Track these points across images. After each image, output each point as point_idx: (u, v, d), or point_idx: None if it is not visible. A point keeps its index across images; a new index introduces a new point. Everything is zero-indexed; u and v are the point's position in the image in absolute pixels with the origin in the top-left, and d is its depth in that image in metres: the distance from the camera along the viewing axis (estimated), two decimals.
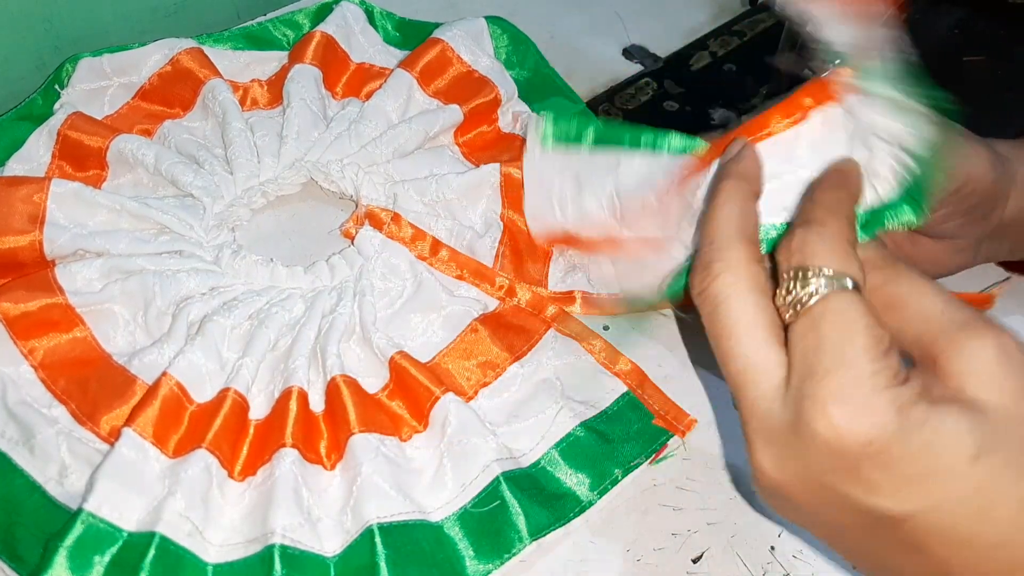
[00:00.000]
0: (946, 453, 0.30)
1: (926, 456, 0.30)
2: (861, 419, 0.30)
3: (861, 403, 0.30)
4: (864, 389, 0.30)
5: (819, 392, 0.30)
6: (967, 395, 0.30)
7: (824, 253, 0.32)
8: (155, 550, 0.41)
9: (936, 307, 0.32)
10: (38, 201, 0.52)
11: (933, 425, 0.30)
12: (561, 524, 0.45)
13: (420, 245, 0.54)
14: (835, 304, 0.31)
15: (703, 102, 0.70)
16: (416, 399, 0.47)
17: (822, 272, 0.32)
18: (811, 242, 0.33)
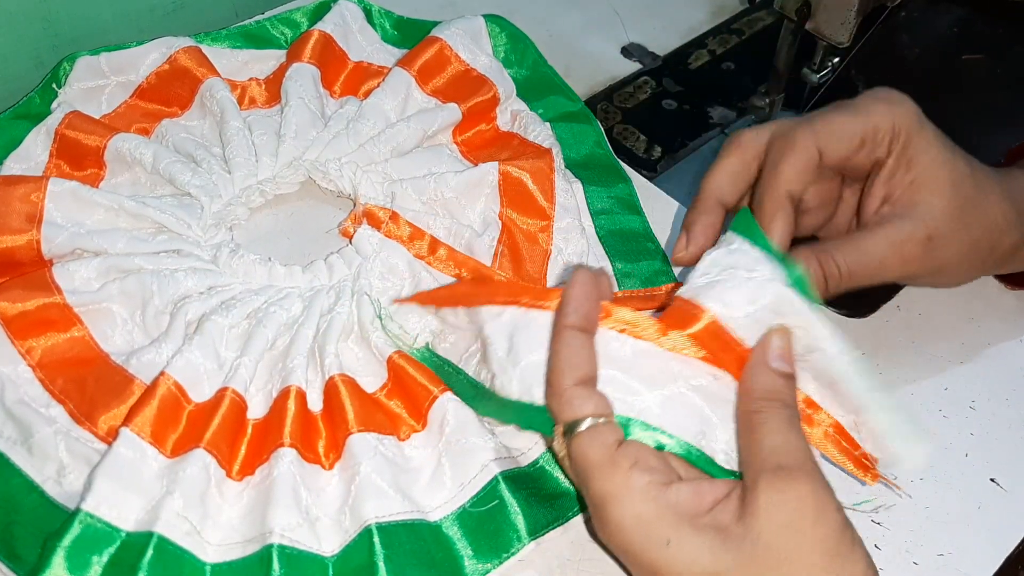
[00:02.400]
0: (685, 572, 0.36)
1: (667, 572, 0.36)
2: (615, 537, 0.37)
3: (612, 524, 0.37)
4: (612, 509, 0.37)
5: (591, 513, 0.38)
6: (744, 521, 0.36)
7: (560, 410, 0.39)
8: (153, 550, 0.41)
9: (769, 444, 0.38)
10: (36, 200, 0.52)
11: (676, 547, 0.36)
12: (560, 523, 0.45)
13: (418, 244, 0.54)
14: (576, 446, 0.38)
15: (702, 100, 0.70)
16: (414, 398, 0.47)
17: (568, 424, 0.38)
18: (550, 403, 0.39)
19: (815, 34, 0.61)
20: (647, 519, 0.36)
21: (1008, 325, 0.55)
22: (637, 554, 0.37)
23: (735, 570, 0.35)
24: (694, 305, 0.41)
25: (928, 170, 0.46)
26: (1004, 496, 0.48)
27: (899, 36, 0.73)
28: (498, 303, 0.41)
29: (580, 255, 0.55)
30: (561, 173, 0.58)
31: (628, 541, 0.37)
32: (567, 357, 0.39)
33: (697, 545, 0.36)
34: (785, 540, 0.35)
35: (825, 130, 0.46)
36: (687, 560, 0.36)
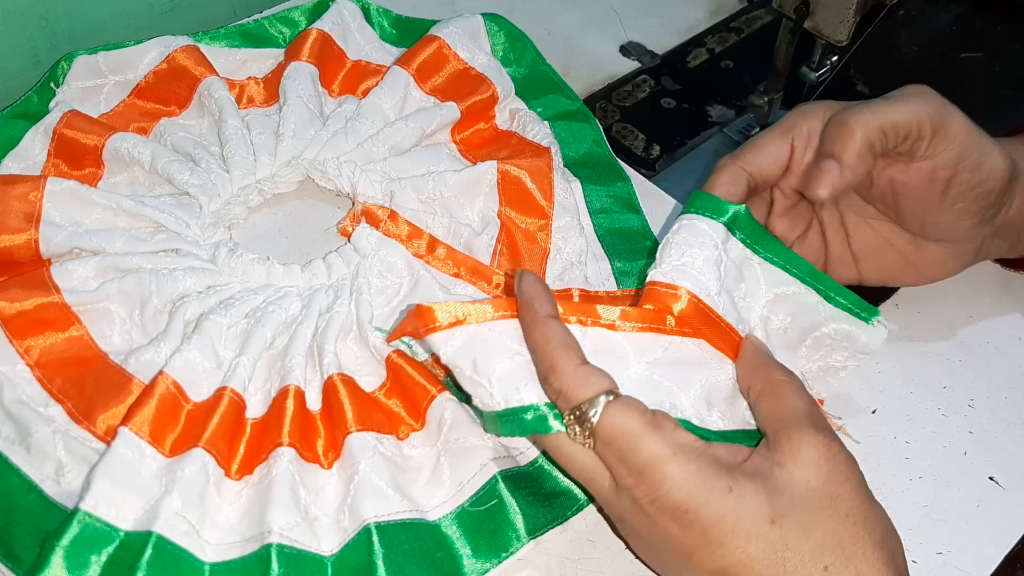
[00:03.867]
0: (748, 517, 0.37)
1: (733, 520, 0.37)
2: (675, 492, 0.37)
3: (672, 481, 0.37)
4: (669, 467, 0.37)
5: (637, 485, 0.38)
6: (787, 468, 0.38)
7: (576, 390, 0.38)
8: (152, 549, 0.41)
9: (801, 405, 0.41)
10: (34, 200, 0.52)
11: (737, 493, 0.37)
12: (559, 523, 0.45)
13: (417, 243, 0.54)
14: (608, 421, 0.38)
15: (700, 99, 0.70)
16: (413, 398, 0.47)
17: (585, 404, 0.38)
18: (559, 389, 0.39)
19: (814, 32, 0.61)
20: (706, 471, 0.37)
21: (1007, 324, 0.55)
22: (700, 506, 0.37)
23: (790, 511, 0.37)
24: (669, 285, 0.44)
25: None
26: (1003, 494, 0.48)
27: (898, 34, 0.73)
28: (443, 328, 0.41)
29: (579, 254, 0.55)
30: (560, 172, 0.58)
31: (691, 495, 0.37)
32: (561, 341, 0.39)
33: (753, 490, 0.37)
34: (833, 486, 0.38)
35: (745, 149, 0.49)
36: (751, 504, 0.37)
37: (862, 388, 0.52)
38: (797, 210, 0.52)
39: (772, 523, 0.37)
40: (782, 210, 0.51)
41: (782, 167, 0.49)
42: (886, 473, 0.48)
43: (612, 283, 0.55)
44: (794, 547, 0.37)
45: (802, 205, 0.52)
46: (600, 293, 0.54)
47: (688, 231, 0.45)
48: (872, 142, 0.45)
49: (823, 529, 0.37)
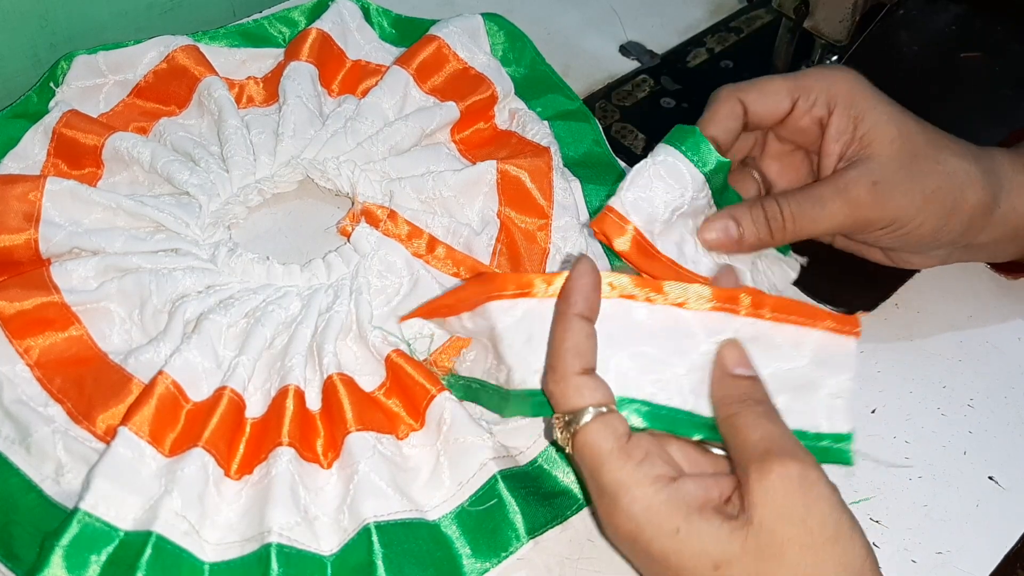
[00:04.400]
0: (690, 561, 0.36)
1: (675, 560, 0.36)
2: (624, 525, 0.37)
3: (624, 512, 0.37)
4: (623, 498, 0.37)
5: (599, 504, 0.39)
6: (744, 513, 0.37)
7: (562, 399, 0.39)
8: (151, 549, 0.41)
9: (753, 437, 0.38)
10: (33, 199, 0.52)
11: (684, 536, 0.36)
12: (558, 522, 0.45)
13: (416, 243, 0.54)
14: (584, 435, 0.38)
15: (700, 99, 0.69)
16: (412, 397, 0.47)
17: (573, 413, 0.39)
18: (552, 391, 0.39)
19: (813, 32, 0.61)
20: (657, 508, 0.37)
21: (1006, 323, 0.55)
22: (647, 541, 0.37)
23: (741, 556, 0.36)
24: (622, 216, 0.45)
25: (876, 124, 0.47)
26: (1002, 494, 0.48)
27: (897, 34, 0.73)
28: (508, 297, 0.41)
29: (578, 253, 0.55)
30: (559, 171, 0.58)
31: (638, 529, 0.37)
32: (573, 345, 0.39)
33: (705, 533, 0.36)
34: (783, 524, 0.36)
35: (750, 86, 0.49)
36: (695, 547, 0.36)
37: (861, 387, 0.52)
38: (792, 158, 0.52)
39: (715, 568, 0.36)
40: (775, 153, 0.52)
41: (778, 117, 0.49)
42: (885, 472, 0.48)
43: None
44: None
45: (798, 154, 0.52)
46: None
47: (667, 169, 0.45)
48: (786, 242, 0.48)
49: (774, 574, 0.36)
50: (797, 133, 0.50)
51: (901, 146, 0.47)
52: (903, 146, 0.47)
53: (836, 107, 0.48)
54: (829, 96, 0.48)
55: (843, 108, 0.48)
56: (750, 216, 0.47)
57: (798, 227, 0.47)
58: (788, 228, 0.47)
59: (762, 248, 0.49)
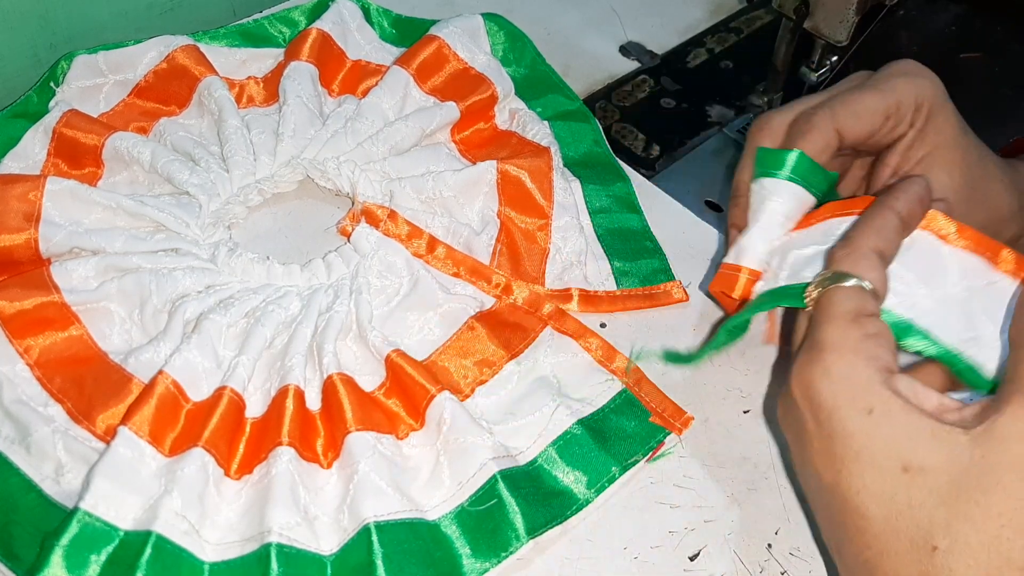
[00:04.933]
0: (879, 449, 0.33)
1: (860, 442, 0.34)
2: (816, 385, 0.35)
3: (821, 372, 0.35)
4: (829, 356, 0.36)
5: (801, 358, 0.37)
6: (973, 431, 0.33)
7: (842, 261, 0.38)
8: (151, 549, 0.41)
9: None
10: (33, 199, 0.52)
11: (876, 419, 0.34)
12: (558, 522, 0.45)
13: (416, 243, 0.54)
14: (835, 292, 0.37)
15: (700, 99, 0.70)
16: (412, 397, 0.47)
17: (833, 275, 0.38)
18: (838, 257, 0.39)
19: (813, 33, 0.61)
20: (860, 382, 0.35)
21: None
22: (830, 411, 0.35)
23: (945, 468, 0.32)
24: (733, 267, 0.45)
25: (942, 148, 0.46)
26: None
27: (897, 34, 0.73)
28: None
29: (578, 253, 0.55)
30: (559, 172, 0.58)
31: (830, 394, 0.35)
32: (879, 227, 0.39)
33: (903, 425, 0.33)
34: (1005, 469, 0.31)
35: (845, 111, 0.45)
36: (886, 436, 0.33)
37: None
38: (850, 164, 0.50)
39: (905, 471, 0.32)
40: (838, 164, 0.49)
41: (870, 137, 0.46)
42: None
43: (612, 283, 0.55)
44: (917, 504, 0.32)
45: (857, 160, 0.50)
46: (600, 293, 0.54)
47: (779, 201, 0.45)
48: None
49: (960, 507, 0.31)
50: (873, 146, 0.47)
51: (961, 175, 0.45)
52: (964, 176, 0.45)
53: (916, 122, 0.46)
54: (915, 113, 0.45)
55: (921, 124, 0.46)
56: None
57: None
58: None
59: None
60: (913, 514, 0.32)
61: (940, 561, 0.31)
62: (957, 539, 0.31)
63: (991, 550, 0.31)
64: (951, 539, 0.31)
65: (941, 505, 0.32)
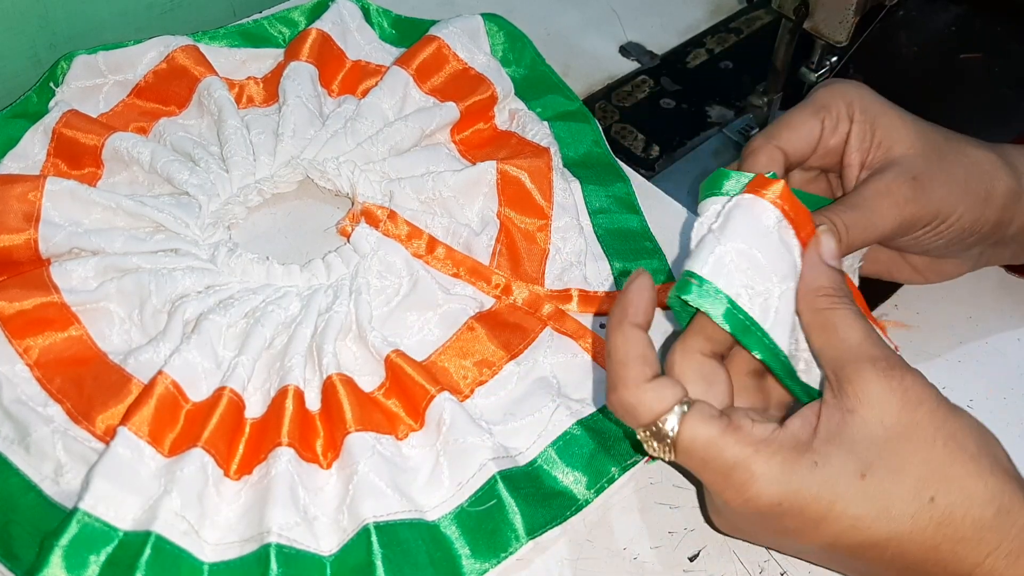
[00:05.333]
0: (840, 482, 0.36)
1: (828, 492, 0.36)
2: (766, 490, 0.37)
3: (761, 480, 0.37)
4: (755, 466, 0.37)
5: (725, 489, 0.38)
6: (858, 414, 0.37)
7: (647, 406, 0.38)
8: (151, 549, 0.41)
9: (854, 338, 0.39)
10: (33, 199, 0.52)
11: (823, 464, 0.36)
12: (558, 523, 0.45)
13: (416, 243, 0.54)
14: (686, 433, 0.37)
15: (700, 99, 0.70)
16: (412, 398, 0.47)
17: (659, 420, 0.38)
18: (628, 404, 0.38)
19: (813, 33, 0.61)
20: (790, 458, 0.37)
21: (1006, 323, 0.55)
22: (794, 493, 0.36)
23: (875, 458, 0.36)
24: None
25: (892, 128, 0.47)
26: None
27: (897, 35, 0.73)
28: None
29: (578, 254, 0.55)
30: (559, 172, 0.58)
31: (781, 487, 0.37)
32: (638, 354, 0.39)
33: (836, 453, 0.37)
34: (907, 415, 0.37)
35: (778, 127, 0.47)
36: (837, 469, 0.36)
37: None
38: (815, 185, 0.52)
39: (862, 477, 0.36)
40: (798, 183, 0.51)
41: (813, 147, 0.48)
42: None
43: (611, 283, 0.55)
44: (892, 491, 0.36)
45: (820, 179, 0.52)
46: (599, 293, 0.54)
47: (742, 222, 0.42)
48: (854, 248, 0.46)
49: (915, 462, 0.36)
50: (826, 156, 0.49)
51: (923, 145, 0.47)
52: (924, 145, 0.47)
53: (855, 117, 0.48)
54: (848, 109, 0.48)
55: (860, 117, 0.47)
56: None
57: (852, 238, 0.46)
58: (844, 241, 0.45)
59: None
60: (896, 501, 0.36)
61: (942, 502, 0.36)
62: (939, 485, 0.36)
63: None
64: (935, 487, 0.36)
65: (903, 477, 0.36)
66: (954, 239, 0.48)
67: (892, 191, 0.46)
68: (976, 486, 0.36)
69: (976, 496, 0.36)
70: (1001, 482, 0.36)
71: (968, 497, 0.36)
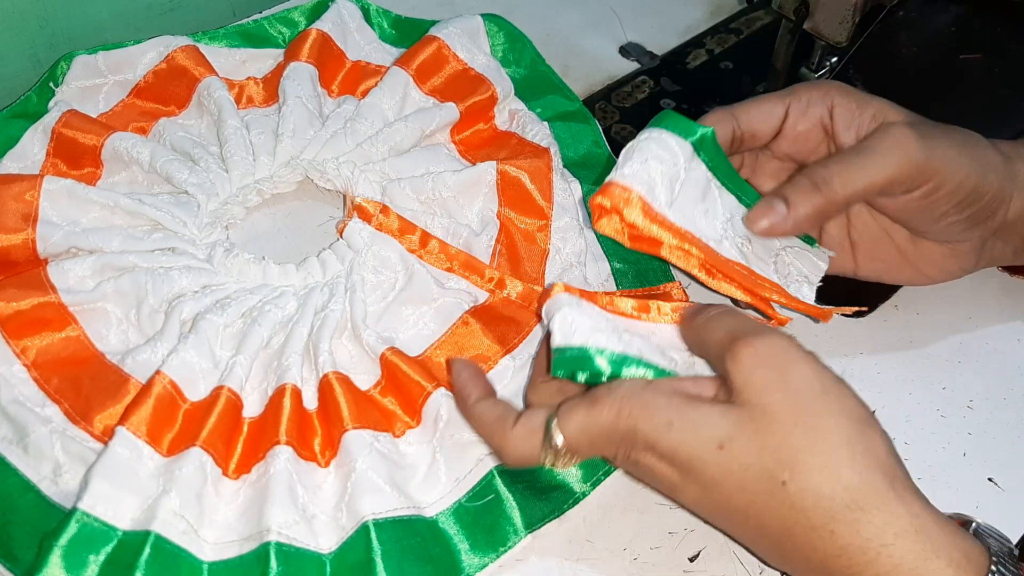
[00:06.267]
0: (698, 446, 0.37)
1: (686, 450, 0.37)
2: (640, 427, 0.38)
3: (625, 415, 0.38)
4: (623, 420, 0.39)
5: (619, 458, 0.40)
6: (733, 389, 0.38)
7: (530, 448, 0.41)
8: (150, 549, 0.41)
9: (721, 330, 0.40)
10: (30, 199, 0.52)
11: (680, 424, 0.38)
12: (556, 516, 0.45)
13: (409, 238, 0.54)
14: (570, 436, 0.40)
15: (700, 100, 0.69)
16: (408, 395, 0.47)
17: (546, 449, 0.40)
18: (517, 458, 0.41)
19: (813, 33, 0.61)
20: (649, 403, 0.38)
21: (1006, 324, 0.55)
22: (653, 443, 0.38)
23: (740, 431, 0.37)
24: (624, 187, 0.44)
25: (882, 108, 0.47)
26: (1002, 495, 0.48)
27: (897, 35, 0.73)
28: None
29: (578, 254, 0.55)
30: (559, 172, 0.58)
31: (650, 435, 0.38)
32: (495, 419, 0.42)
33: (699, 419, 0.38)
34: (768, 394, 0.37)
35: (743, 104, 0.49)
36: (694, 433, 0.37)
37: (861, 389, 0.51)
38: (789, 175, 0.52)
39: (720, 448, 0.37)
40: (771, 171, 0.52)
41: (773, 128, 0.49)
42: None
43: (611, 283, 0.55)
44: (747, 466, 0.37)
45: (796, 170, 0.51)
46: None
47: (656, 143, 0.45)
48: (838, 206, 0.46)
49: (772, 443, 0.37)
50: (796, 142, 0.49)
51: (915, 118, 0.47)
52: (916, 118, 0.47)
53: (836, 102, 0.48)
54: (824, 94, 0.48)
55: (842, 100, 0.48)
56: (794, 188, 0.46)
57: (849, 182, 0.45)
58: (838, 186, 0.45)
59: (819, 221, 0.47)
60: (751, 476, 0.37)
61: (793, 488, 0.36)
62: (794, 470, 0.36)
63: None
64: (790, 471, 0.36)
65: (760, 453, 0.37)
66: (961, 204, 0.47)
67: (893, 134, 0.45)
68: (828, 478, 0.36)
69: (826, 488, 0.36)
70: (861, 476, 0.36)
71: (818, 487, 0.36)
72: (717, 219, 0.48)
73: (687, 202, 0.46)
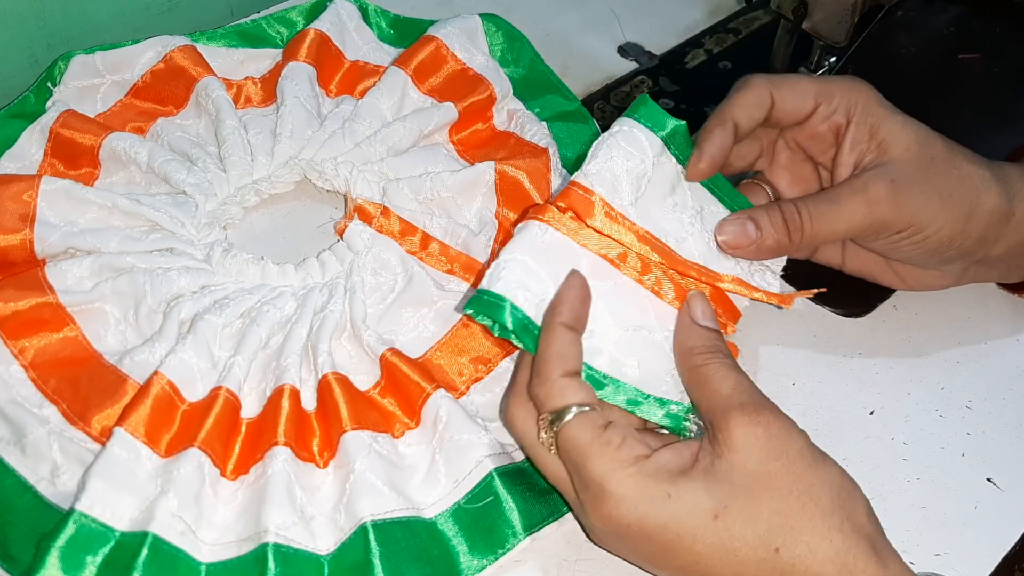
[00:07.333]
0: (689, 518, 0.38)
1: (675, 524, 0.38)
2: (615, 510, 0.38)
3: (613, 498, 0.38)
4: (610, 484, 0.38)
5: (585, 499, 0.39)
6: (724, 458, 0.39)
7: (548, 399, 0.40)
8: (148, 550, 0.41)
9: (726, 388, 0.41)
10: (28, 199, 0.52)
11: (676, 497, 0.38)
12: (555, 518, 0.45)
13: (410, 239, 0.54)
14: (567, 431, 0.40)
15: (698, 100, 0.69)
16: (407, 396, 0.47)
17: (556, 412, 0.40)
18: (538, 393, 0.41)
19: (812, 34, 0.61)
20: (645, 483, 0.38)
21: (1004, 325, 0.55)
22: (642, 519, 0.38)
23: (735, 498, 0.38)
24: (586, 189, 0.44)
25: (893, 132, 0.48)
26: (1001, 496, 0.48)
27: (896, 35, 0.73)
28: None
29: None
30: (558, 172, 0.58)
31: (633, 507, 0.38)
32: (557, 351, 0.41)
33: (693, 490, 0.38)
34: (767, 461, 0.38)
35: (783, 80, 0.49)
36: (689, 505, 0.38)
37: (859, 389, 0.51)
38: (801, 169, 0.53)
39: (715, 518, 0.38)
40: (785, 163, 0.52)
41: (800, 119, 0.49)
42: (883, 474, 0.48)
43: None
44: (741, 536, 0.38)
45: (807, 166, 0.52)
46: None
47: (624, 138, 0.46)
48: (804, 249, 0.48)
49: (768, 510, 0.38)
50: (813, 139, 0.50)
51: (918, 151, 0.47)
52: (920, 151, 0.47)
53: (855, 116, 0.48)
54: (849, 104, 0.48)
55: (861, 117, 0.48)
56: (767, 217, 0.47)
57: (816, 228, 0.47)
58: (806, 229, 0.47)
59: (779, 254, 0.49)
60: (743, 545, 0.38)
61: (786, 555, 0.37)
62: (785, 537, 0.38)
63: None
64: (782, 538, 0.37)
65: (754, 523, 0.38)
66: (932, 250, 0.48)
67: (867, 189, 0.47)
68: (821, 543, 0.37)
69: (819, 552, 0.37)
70: (849, 541, 0.37)
71: (811, 552, 0.37)
72: (686, 212, 0.48)
73: (654, 197, 0.47)
